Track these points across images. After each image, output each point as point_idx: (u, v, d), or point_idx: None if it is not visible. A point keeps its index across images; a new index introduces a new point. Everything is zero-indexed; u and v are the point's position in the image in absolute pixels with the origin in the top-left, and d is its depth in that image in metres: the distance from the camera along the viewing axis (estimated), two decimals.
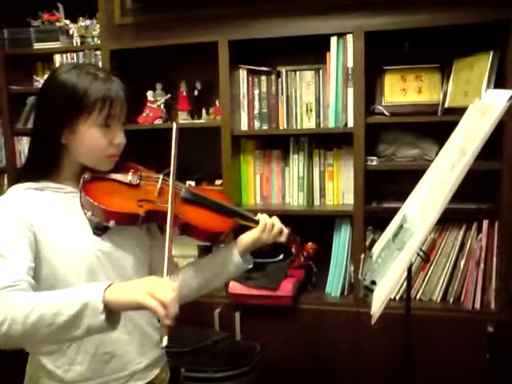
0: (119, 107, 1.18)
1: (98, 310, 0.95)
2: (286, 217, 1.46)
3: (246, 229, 1.35)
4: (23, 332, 0.97)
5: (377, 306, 1.13)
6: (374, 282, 1.29)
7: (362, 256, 2.10)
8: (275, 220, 1.34)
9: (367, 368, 2.13)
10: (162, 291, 0.95)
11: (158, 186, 1.26)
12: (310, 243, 1.43)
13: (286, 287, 2.16)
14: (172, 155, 1.25)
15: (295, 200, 2.32)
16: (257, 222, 1.33)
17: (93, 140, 1.17)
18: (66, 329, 0.97)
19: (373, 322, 1.13)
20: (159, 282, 1.00)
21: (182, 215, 1.22)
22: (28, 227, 1.12)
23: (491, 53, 1.94)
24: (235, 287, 2.19)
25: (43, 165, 1.20)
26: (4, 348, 1.02)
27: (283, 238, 1.34)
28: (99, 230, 1.20)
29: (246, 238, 1.32)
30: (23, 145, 2.69)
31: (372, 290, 1.28)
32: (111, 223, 1.16)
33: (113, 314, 0.98)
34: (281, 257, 2.29)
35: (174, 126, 1.29)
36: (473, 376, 1.99)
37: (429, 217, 1.13)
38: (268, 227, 1.31)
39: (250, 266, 1.35)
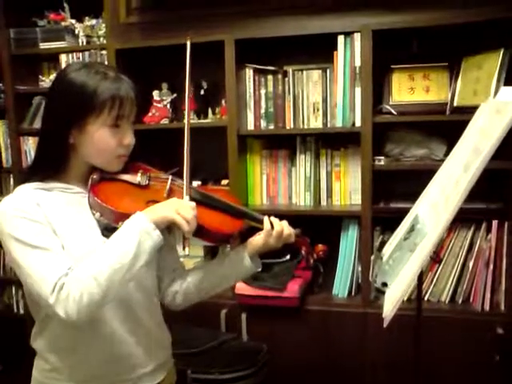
0: (129, 107, 1.17)
1: (151, 229, 1.08)
2: (293, 217, 1.44)
3: (254, 230, 1.34)
4: (102, 292, 1.04)
5: (389, 308, 1.11)
6: (385, 284, 1.27)
7: (372, 257, 2.09)
8: (284, 225, 1.29)
9: (375, 369, 2.12)
10: (186, 210, 1.11)
11: (167, 186, 1.25)
12: (320, 245, 1.41)
13: (293, 288, 2.15)
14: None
15: (302, 200, 2.31)
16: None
17: (102, 140, 1.15)
18: (135, 261, 1.06)
19: (385, 324, 1.12)
20: (182, 202, 1.15)
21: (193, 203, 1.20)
22: (45, 217, 1.11)
23: (501, 51, 1.92)
24: (242, 288, 2.18)
25: (51, 165, 1.19)
26: (88, 318, 1.07)
27: (291, 240, 1.32)
28: (108, 231, 1.18)
29: (256, 241, 1.29)
30: (29, 145, 2.69)
31: (383, 292, 1.26)
32: (120, 224, 1.14)
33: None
34: (287, 257, 2.28)
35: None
36: (482, 378, 1.97)
37: (442, 217, 1.11)
38: (276, 233, 1.26)
39: (259, 269, 1.33)
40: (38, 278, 1.05)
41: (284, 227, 1.28)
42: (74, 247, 1.13)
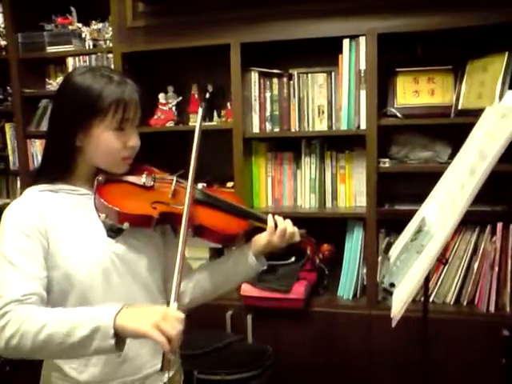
0: (133, 110, 1.18)
1: (109, 334, 0.98)
2: (298, 219, 1.45)
3: (259, 230, 1.34)
4: (32, 347, 1.00)
5: (397, 309, 1.12)
6: (392, 285, 1.28)
7: (379, 259, 2.10)
8: (287, 224, 1.30)
9: (380, 371, 2.12)
10: (170, 325, 0.97)
11: (172, 187, 1.26)
12: (325, 245, 1.42)
13: (298, 290, 2.16)
14: (192, 158, 1.25)
15: (307, 202, 2.32)
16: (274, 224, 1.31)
17: (107, 143, 1.17)
18: (75, 349, 1.00)
19: (393, 324, 1.13)
20: (167, 313, 1.00)
21: (196, 217, 1.22)
22: (41, 233, 1.12)
23: (506, 54, 1.92)
24: (247, 290, 2.19)
25: (58, 167, 1.21)
26: (14, 358, 1.05)
27: (297, 239, 1.32)
28: (113, 232, 1.20)
29: (260, 239, 1.30)
30: (36, 147, 2.71)
31: (391, 293, 1.27)
32: (125, 225, 1.16)
33: (120, 337, 1.00)
34: (293, 259, 2.28)
35: (197, 129, 1.28)
36: (488, 380, 1.97)
37: (449, 220, 1.12)
38: (280, 232, 1.27)
39: (265, 267, 1.34)
40: None
41: (287, 225, 1.29)
42: (79, 249, 1.14)
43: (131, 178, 1.24)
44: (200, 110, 1.30)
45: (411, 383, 1.90)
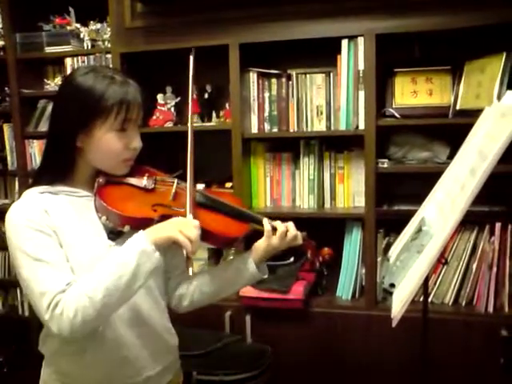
0: (136, 111, 1.18)
1: (152, 252, 1.06)
2: (297, 220, 1.45)
3: (260, 233, 1.34)
4: (96, 312, 1.04)
5: (397, 309, 1.13)
6: (392, 285, 1.28)
7: (379, 259, 2.10)
8: (290, 226, 1.28)
9: (379, 371, 2.12)
10: (189, 229, 1.09)
11: (173, 190, 1.26)
12: (325, 248, 1.42)
13: (297, 290, 2.16)
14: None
15: (305, 203, 2.32)
16: (273, 228, 1.30)
17: (109, 144, 1.16)
18: (131, 283, 1.06)
19: (393, 324, 1.13)
20: (185, 221, 1.13)
21: (197, 220, 1.21)
22: (51, 227, 1.12)
23: (504, 54, 1.93)
24: (246, 290, 2.19)
25: (58, 168, 1.20)
26: (82, 335, 1.09)
27: (299, 242, 1.32)
28: (114, 234, 1.19)
29: (259, 245, 1.28)
30: (34, 148, 2.71)
31: (391, 293, 1.27)
32: (126, 228, 1.15)
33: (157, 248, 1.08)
34: (291, 259, 2.28)
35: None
36: (486, 380, 1.98)
37: (449, 220, 1.13)
38: (280, 234, 1.26)
39: (265, 276, 1.32)
40: (35, 292, 1.07)
41: (290, 228, 1.27)
42: (80, 251, 1.14)
43: (132, 180, 1.24)
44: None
45: (410, 382, 1.91)
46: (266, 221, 1.28)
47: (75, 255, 1.13)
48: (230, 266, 1.35)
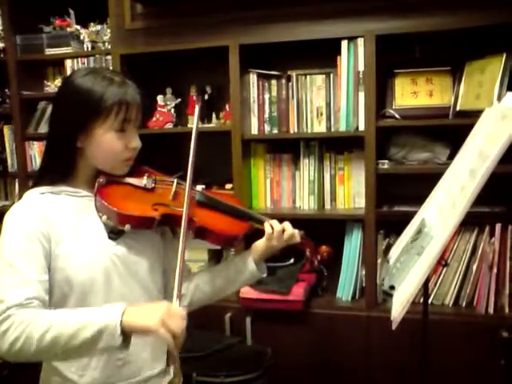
0: (135, 111, 1.18)
1: (116, 333, 0.98)
2: (297, 221, 1.45)
3: (259, 232, 1.34)
4: (37, 350, 1.00)
5: (397, 311, 1.12)
6: (392, 287, 1.28)
7: (379, 261, 2.10)
8: (286, 226, 1.30)
9: (379, 372, 2.12)
10: (174, 321, 0.99)
11: (173, 189, 1.26)
12: (323, 246, 1.42)
13: (297, 291, 2.16)
14: (190, 160, 1.25)
15: (306, 204, 2.32)
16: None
17: (108, 144, 1.16)
18: (82, 350, 1.00)
19: (393, 327, 1.13)
20: (171, 310, 1.01)
21: (196, 219, 1.22)
22: (44, 236, 1.12)
23: (504, 55, 1.93)
24: (246, 291, 2.19)
25: (59, 169, 1.20)
26: (15, 361, 1.05)
27: (297, 240, 1.32)
28: (114, 233, 1.20)
29: (259, 245, 1.31)
30: (34, 149, 2.71)
31: (391, 295, 1.27)
32: (126, 227, 1.15)
33: (126, 335, 1.01)
34: (291, 261, 2.28)
35: (194, 130, 1.28)
36: (487, 382, 1.97)
37: (449, 222, 1.12)
38: (277, 233, 1.28)
39: (265, 275, 1.34)
40: None
41: (286, 227, 1.29)
42: (81, 251, 1.14)
43: (132, 180, 1.24)
44: (196, 110, 1.30)
45: None
46: (266, 223, 1.29)
47: (76, 255, 1.13)
48: (229, 265, 1.36)
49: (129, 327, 0.99)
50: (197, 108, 1.31)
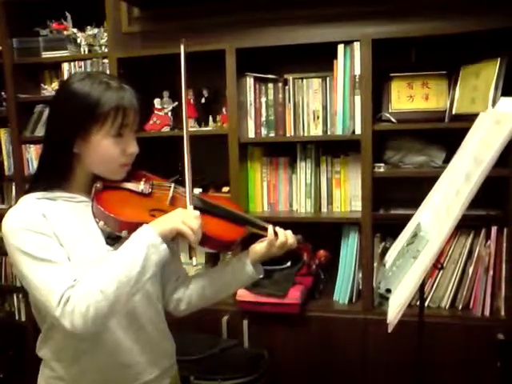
0: (132, 116, 1.18)
1: (158, 242, 1.09)
2: (294, 224, 1.46)
3: (255, 236, 1.35)
4: (108, 305, 1.04)
5: (393, 314, 1.13)
6: (388, 291, 1.28)
7: (375, 264, 2.11)
8: (289, 235, 1.29)
9: (375, 375, 2.13)
10: (191, 219, 1.12)
11: (170, 194, 1.26)
12: (321, 251, 1.42)
13: (294, 294, 2.16)
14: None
15: (302, 207, 2.32)
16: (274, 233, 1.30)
17: (106, 149, 1.16)
18: (142, 275, 1.07)
19: (389, 330, 1.13)
20: (187, 212, 1.16)
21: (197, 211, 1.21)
22: (49, 228, 1.12)
23: (498, 59, 1.94)
24: (243, 295, 2.19)
25: (55, 174, 1.19)
26: (93, 332, 1.08)
27: (294, 245, 1.32)
28: (111, 239, 1.20)
29: (259, 249, 1.30)
30: (31, 153, 2.71)
31: (387, 298, 1.28)
32: (124, 233, 1.15)
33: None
34: (288, 264, 2.29)
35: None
36: None
37: (444, 225, 1.13)
38: (280, 243, 1.27)
39: (261, 276, 1.34)
40: (44, 291, 1.06)
41: (288, 237, 1.28)
42: (78, 256, 1.14)
43: (129, 185, 1.24)
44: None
45: None
46: (270, 228, 1.29)
47: (73, 260, 1.13)
48: (226, 268, 1.35)
49: (162, 233, 1.10)
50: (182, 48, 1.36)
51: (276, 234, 1.28)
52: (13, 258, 1.11)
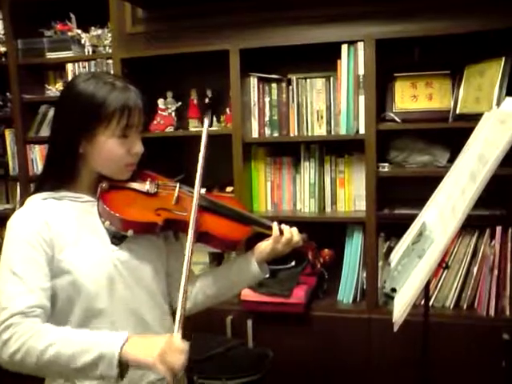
0: (137, 117, 1.18)
1: (113, 364, 0.98)
2: (298, 224, 1.46)
3: (260, 236, 1.35)
4: (36, 365, 1.01)
5: (399, 313, 1.13)
6: (394, 290, 1.28)
7: (380, 263, 2.11)
8: (294, 232, 1.30)
9: (379, 375, 2.12)
10: (174, 357, 0.98)
11: (175, 194, 1.27)
12: (326, 250, 1.42)
13: (299, 294, 2.16)
14: (199, 166, 1.25)
15: (306, 207, 2.32)
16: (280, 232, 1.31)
17: (111, 150, 1.17)
18: (79, 372, 1.01)
19: (395, 329, 1.13)
20: (172, 345, 1.00)
21: (200, 223, 1.21)
22: (46, 242, 1.12)
23: (503, 59, 1.94)
24: (247, 294, 2.20)
25: (61, 174, 1.20)
26: (12, 369, 1.05)
27: (300, 244, 1.33)
28: (117, 239, 1.20)
29: (264, 247, 1.31)
30: (35, 153, 2.72)
31: (392, 298, 1.28)
32: (129, 232, 1.16)
33: (123, 366, 1.01)
34: (293, 263, 2.29)
35: (204, 135, 1.29)
36: None
37: (449, 225, 1.13)
38: (285, 240, 1.28)
39: (267, 276, 1.35)
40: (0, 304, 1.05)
41: (294, 234, 1.29)
42: (84, 256, 1.14)
43: (134, 185, 1.24)
44: (206, 122, 1.30)
45: None
46: (275, 225, 1.29)
47: (78, 260, 1.14)
48: (232, 267, 1.36)
49: (127, 359, 0.99)
50: (206, 123, 1.31)
51: (281, 231, 1.28)
52: (1, 257, 1.12)
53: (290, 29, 2.27)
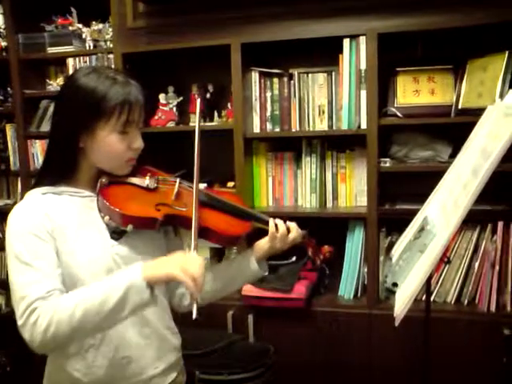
0: (138, 112, 1.18)
1: (143, 288, 1.03)
2: (299, 219, 1.46)
3: (261, 231, 1.35)
4: (71, 330, 1.03)
5: (400, 308, 1.13)
6: (395, 284, 1.28)
7: (381, 258, 2.11)
8: (292, 227, 1.30)
9: (380, 370, 2.13)
10: (193, 266, 1.03)
11: (175, 189, 1.26)
12: (326, 246, 1.42)
13: (300, 289, 2.16)
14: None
15: (308, 202, 2.32)
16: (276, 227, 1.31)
17: (111, 145, 1.16)
18: (113, 313, 1.03)
19: (396, 323, 1.13)
20: (189, 257, 1.07)
21: (200, 219, 1.21)
22: (49, 232, 1.12)
23: (506, 53, 1.93)
24: (248, 289, 2.20)
25: (60, 169, 1.20)
26: (51, 350, 1.09)
27: (299, 240, 1.33)
28: (116, 233, 1.20)
29: (262, 244, 1.31)
30: (36, 148, 2.72)
31: (394, 292, 1.28)
32: (129, 227, 1.16)
33: (152, 288, 1.05)
34: (293, 259, 2.29)
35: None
36: (488, 379, 1.98)
37: (451, 219, 1.13)
38: (280, 236, 1.28)
39: (266, 273, 1.35)
40: (17, 296, 1.06)
41: (292, 229, 1.29)
42: (83, 251, 1.15)
43: (134, 180, 1.24)
44: (197, 109, 1.30)
45: (412, 382, 1.91)
46: (271, 221, 1.29)
47: (77, 255, 1.14)
48: (231, 264, 1.36)
49: (152, 278, 1.03)
50: (198, 106, 1.31)
51: (276, 226, 1.28)
52: (6, 255, 1.12)
53: (291, 23, 2.26)
